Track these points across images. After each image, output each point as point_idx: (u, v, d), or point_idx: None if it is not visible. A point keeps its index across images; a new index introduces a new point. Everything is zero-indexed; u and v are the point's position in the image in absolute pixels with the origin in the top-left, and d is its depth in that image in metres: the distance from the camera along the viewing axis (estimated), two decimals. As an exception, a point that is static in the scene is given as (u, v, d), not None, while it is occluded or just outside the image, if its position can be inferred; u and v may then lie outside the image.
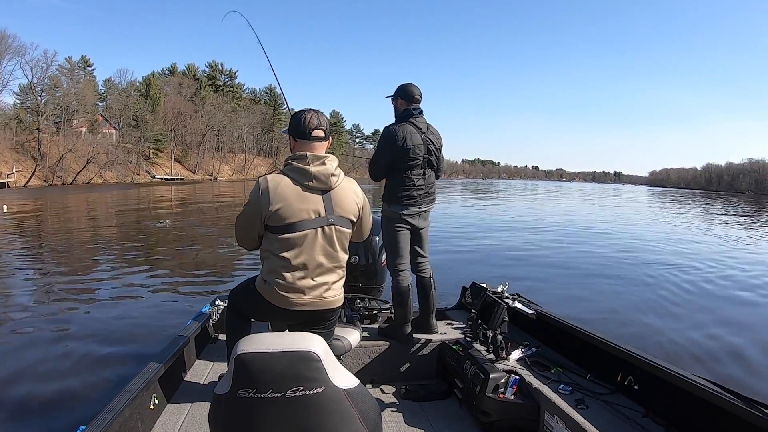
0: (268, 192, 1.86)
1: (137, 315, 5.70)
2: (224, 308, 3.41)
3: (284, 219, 1.86)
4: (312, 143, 1.95)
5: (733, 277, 8.86)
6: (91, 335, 4.96)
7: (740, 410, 1.85)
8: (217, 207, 23.39)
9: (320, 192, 1.91)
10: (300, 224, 1.88)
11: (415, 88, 2.98)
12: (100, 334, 4.97)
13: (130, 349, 4.55)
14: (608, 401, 2.33)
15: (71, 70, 55.97)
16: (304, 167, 1.89)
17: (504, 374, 2.52)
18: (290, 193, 1.87)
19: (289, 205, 1.86)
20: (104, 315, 5.67)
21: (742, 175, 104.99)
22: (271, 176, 1.91)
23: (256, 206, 1.89)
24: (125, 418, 1.95)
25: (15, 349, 4.66)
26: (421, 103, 3.02)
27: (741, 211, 32.38)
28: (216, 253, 10.43)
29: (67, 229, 14.12)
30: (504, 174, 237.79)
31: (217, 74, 79.85)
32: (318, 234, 1.91)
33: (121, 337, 4.88)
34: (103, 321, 5.46)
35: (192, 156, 68.00)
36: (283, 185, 1.88)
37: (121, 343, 4.74)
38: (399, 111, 3.01)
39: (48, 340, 4.85)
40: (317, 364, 1.21)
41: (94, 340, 4.80)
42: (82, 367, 4.16)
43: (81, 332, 5.07)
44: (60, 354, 4.47)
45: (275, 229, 1.89)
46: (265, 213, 1.86)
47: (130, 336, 4.92)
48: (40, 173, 44.83)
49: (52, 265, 8.76)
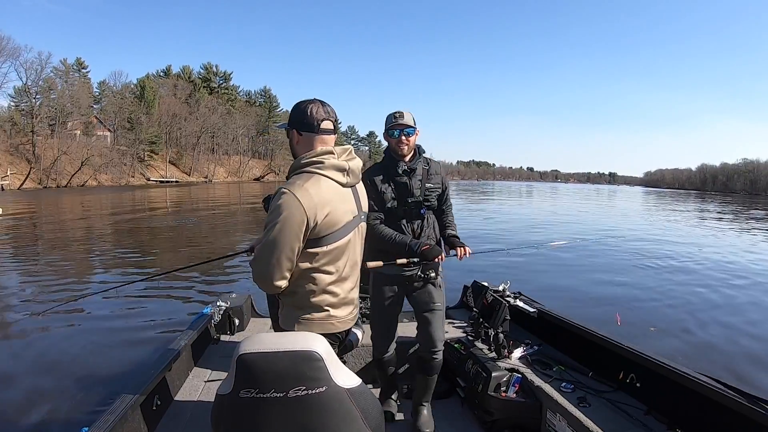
0: (313, 198, 1.50)
1: (138, 316, 5.69)
2: (225, 309, 3.39)
3: (333, 226, 1.57)
4: (322, 137, 1.64)
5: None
6: (92, 337, 4.95)
7: (742, 407, 1.85)
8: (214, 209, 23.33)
9: (350, 188, 1.69)
10: (345, 228, 1.62)
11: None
12: (100, 336, 4.96)
13: (131, 350, 4.53)
14: (610, 399, 2.33)
15: (66, 72, 55.74)
16: (341, 163, 1.62)
17: (506, 373, 2.52)
18: (333, 195, 1.58)
19: (335, 209, 1.57)
20: (105, 316, 5.64)
21: (736, 175, 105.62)
22: (304, 178, 1.55)
23: (298, 221, 1.48)
24: (128, 420, 1.95)
25: (16, 351, 4.65)
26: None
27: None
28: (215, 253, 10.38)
29: (63, 231, 14.03)
30: (499, 175, 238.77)
31: (212, 76, 79.72)
32: (356, 235, 1.70)
33: (122, 339, 4.86)
34: (104, 322, 5.44)
35: (187, 158, 67.83)
36: (325, 187, 1.56)
37: (122, 344, 4.72)
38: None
39: (48, 342, 4.84)
40: (319, 364, 1.20)
41: (94, 342, 4.78)
42: (83, 369, 4.15)
43: (81, 333, 5.06)
44: (60, 356, 4.46)
45: (322, 242, 1.55)
46: (312, 225, 1.51)
47: (131, 337, 4.91)
48: (34, 176, 44.60)
49: (50, 266, 8.71)
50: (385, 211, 2.36)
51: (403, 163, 2.36)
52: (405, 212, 2.36)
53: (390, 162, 2.38)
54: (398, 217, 2.36)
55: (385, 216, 2.36)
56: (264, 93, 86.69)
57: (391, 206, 2.35)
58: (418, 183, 2.37)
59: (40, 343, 4.82)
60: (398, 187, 2.35)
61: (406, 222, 2.37)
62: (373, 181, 2.33)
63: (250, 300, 3.85)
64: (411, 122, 2.31)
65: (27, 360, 4.37)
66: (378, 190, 2.33)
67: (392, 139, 2.34)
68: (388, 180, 2.35)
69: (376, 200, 2.33)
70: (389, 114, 2.35)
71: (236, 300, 3.62)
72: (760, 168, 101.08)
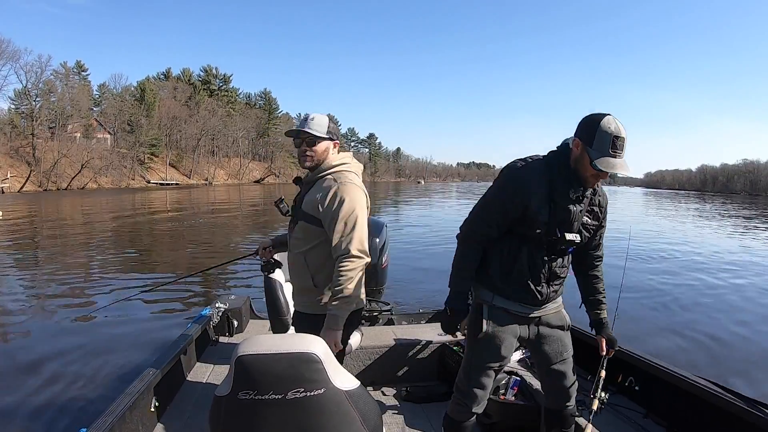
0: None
1: (137, 318, 5.69)
2: (224, 310, 3.40)
3: None
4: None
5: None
6: (91, 338, 4.96)
7: (741, 411, 1.86)
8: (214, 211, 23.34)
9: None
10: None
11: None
12: (100, 337, 4.97)
13: (130, 351, 4.54)
14: (609, 402, 2.33)
15: (66, 75, 55.86)
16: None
17: (505, 375, 2.52)
18: None
19: None
20: (104, 317, 5.65)
21: (737, 176, 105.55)
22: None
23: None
24: (126, 421, 1.95)
25: (15, 352, 4.65)
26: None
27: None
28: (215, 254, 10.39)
29: (63, 234, 14.04)
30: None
31: (212, 79, 79.77)
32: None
33: (121, 340, 4.87)
34: (103, 323, 5.45)
35: (187, 160, 67.83)
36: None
37: (121, 345, 4.73)
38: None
39: (48, 343, 4.84)
40: (318, 366, 1.20)
41: (95, 343, 4.79)
42: (82, 370, 4.16)
43: (81, 334, 5.07)
44: (60, 357, 4.47)
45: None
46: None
47: (131, 338, 4.91)
48: (34, 178, 44.61)
49: (49, 268, 8.73)
50: (521, 234, 1.77)
51: (582, 190, 1.76)
52: (551, 243, 1.77)
53: (563, 181, 1.72)
54: (539, 245, 1.78)
55: (517, 240, 1.79)
56: (264, 95, 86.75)
57: (540, 232, 1.75)
58: (578, 215, 1.78)
59: (37, 345, 4.83)
60: (559, 213, 1.74)
61: (546, 256, 1.79)
62: (529, 190, 1.71)
63: (249, 302, 3.86)
64: (628, 169, 1.64)
65: (24, 361, 4.37)
66: (530, 205, 1.71)
67: (594, 170, 1.65)
68: (550, 200, 1.72)
69: (513, 213, 1.74)
70: (606, 131, 1.60)
71: (235, 302, 3.63)
72: (760, 168, 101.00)
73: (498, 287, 1.82)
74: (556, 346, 1.90)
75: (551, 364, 1.91)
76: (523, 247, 1.77)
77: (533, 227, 1.73)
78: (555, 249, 1.78)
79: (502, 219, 1.76)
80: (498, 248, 1.81)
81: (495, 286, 1.83)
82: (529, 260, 1.77)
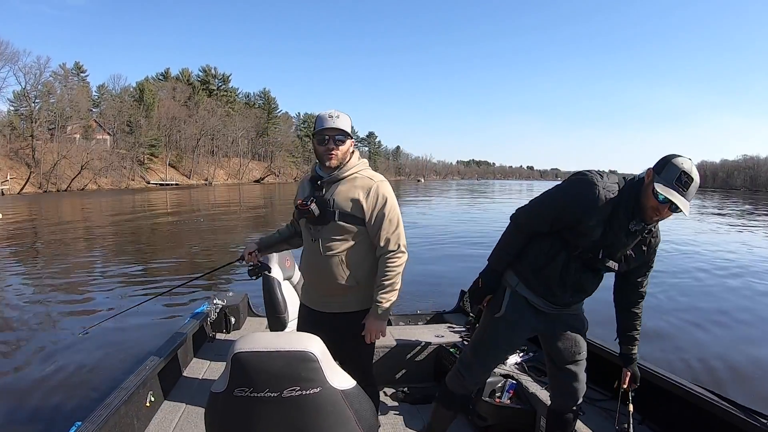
0: None
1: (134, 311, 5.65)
2: (222, 307, 3.40)
3: None
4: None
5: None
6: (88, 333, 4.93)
7: (736, 418, 1.87)
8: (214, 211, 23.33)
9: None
10: None
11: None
12: (97, 332, 4.93)
13: (127, 346, 4.55)
14: (604, 407, 2.34)
15: (65, 77, 55.75)
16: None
17: (501, 379, 2.52)
18: None
19: None
20: (101, 312, 5.66)
21: (736, 172, 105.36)
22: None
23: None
24: (121, 415, 1.95)
25: (12, 346, 4.67)
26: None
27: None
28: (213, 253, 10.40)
29: (63, 234, 14.01)
30: (499, 174, 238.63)
31: (211, 79, 79.62)
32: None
33: (118, 335, 4.87)
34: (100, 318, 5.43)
35: (187, 161, 67.74)
36: None
37: (118, 340, 4.74)
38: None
39: (44, 338, 4.89)
40: (314, 365, 1.20)
41: (92, 338, 4.77)
42: (78, 365, 4.18)
43: (78, 330, 5.05)
44: (56, 351, 4.50)
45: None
46: None
47: (127, 334, 4.92)
48: (34, 180, 44.55)
49: (49, 267, 8.76)
50: (566, 240, 1.78)
51: (642, 225, 1.72)
52: (589, 260, 1.78)
53: (627, 211, 1.68)
54: (578, 256, 1.79)
55: (560, 243, 1.80)
56: (263, 95, 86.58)
57: (584, 246, 1.76)
58: (626, 246, 1.77)
59: (34, 340, 4.86)
60: (609, 237, 1.72)
61: (580, 269, 1.80)
62: (593, 207, 1.69)
63: (247, 299, 3.86)
64: (687, 208, 1.60)
65: (20, 356, 4.40)
66: (587, 220, 1.70)
67: (656, 202, 1.62)
68: (607, 223, 1.70)
69: (567, 220, 1.74)
70: (676, 165, 1.61)
71: (233, 299, 3.63)
72: (760, 164, 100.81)
73: (525, 277, 1.86)
74: (571, 345, 1.92)
75: (565, 363, 1.93)
76: (563, 252, 1.80)
77: (580, 239, 1.75)
78: (591, 266, 1.80)
79: (556, 220, 1.78)
80: (540, 243, 1.85)
81: (523, 275, 1.87)
82: (563, 266, 1.80)
